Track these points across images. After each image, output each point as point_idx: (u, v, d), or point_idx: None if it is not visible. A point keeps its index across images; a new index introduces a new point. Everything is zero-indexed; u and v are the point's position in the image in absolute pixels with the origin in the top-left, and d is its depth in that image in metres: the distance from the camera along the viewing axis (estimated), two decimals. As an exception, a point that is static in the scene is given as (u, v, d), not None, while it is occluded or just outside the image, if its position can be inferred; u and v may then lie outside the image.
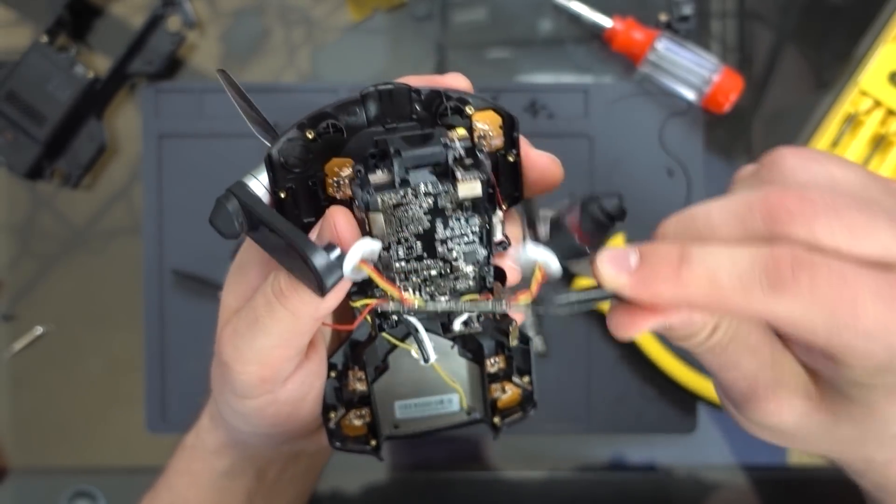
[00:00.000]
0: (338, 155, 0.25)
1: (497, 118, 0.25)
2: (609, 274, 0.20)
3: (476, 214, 0.24)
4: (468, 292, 0.26)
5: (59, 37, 0.51)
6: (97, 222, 0.52)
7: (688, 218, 0.21)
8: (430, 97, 0.24)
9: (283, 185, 0.25)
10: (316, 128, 0.24)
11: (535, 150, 0.26)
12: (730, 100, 0.48)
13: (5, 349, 0.51)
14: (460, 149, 0.23)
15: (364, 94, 0.24)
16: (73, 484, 0.51)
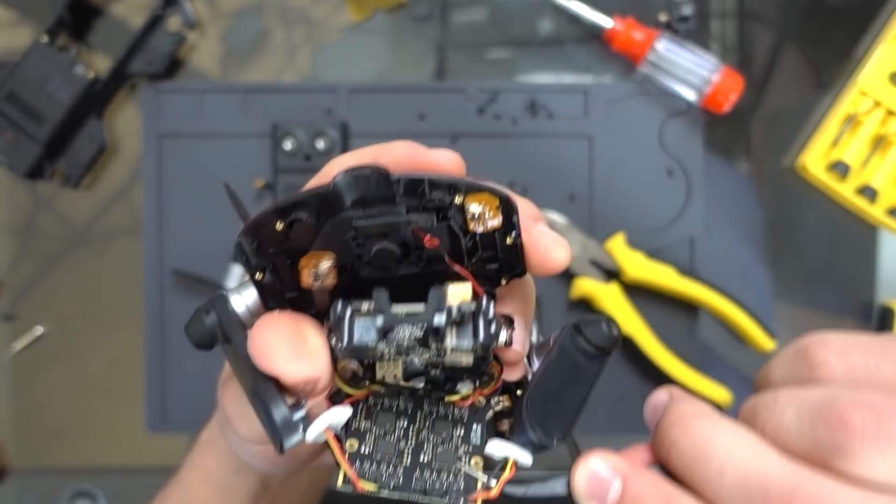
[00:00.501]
0: (312, 242, 0.23)
1: (494, 199, 0.22)
2: (583, 494, 0.20)
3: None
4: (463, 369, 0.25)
5: (60, 37, 0.51)
6: (97, 222, 0.52)
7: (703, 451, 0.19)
8: (412, 185, 0.22)
9: (259, 267, 0.23)
10: (286, 218, 0.22)
11: (540, 228, 0.23)
12: (729, 100, 0.49)
13: (5, 349, 0.51)
14: (457, 313, 0.22)
15: (338, 183, 0.21)
16: (73, 484, 0.51)
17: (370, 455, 0.25)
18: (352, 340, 0.22)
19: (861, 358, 0.20)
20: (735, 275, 0.51)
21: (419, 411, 0.25)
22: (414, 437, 0.25)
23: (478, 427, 0.25)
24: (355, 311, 0.22)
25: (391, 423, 0.25)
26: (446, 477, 0.24)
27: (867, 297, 0.51)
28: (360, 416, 0.25)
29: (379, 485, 0.24)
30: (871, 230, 0.51)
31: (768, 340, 0.48)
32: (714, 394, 0.48)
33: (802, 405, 0.19)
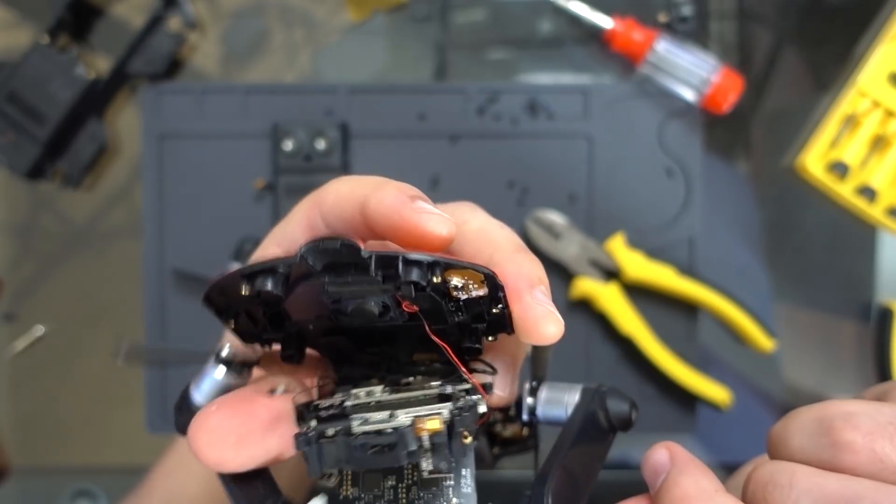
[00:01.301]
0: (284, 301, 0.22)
1: (478, 275, 0.21)
2: None
3: None
4: None
5: (60, 37, 0.51)
6: (98, 222, 0.52)
7: None
8: (385, 262, 0.20)
9: (231, 316, 0.22)
10: (252, 286, 0.21)
11: (535, 295, 0.21)
12: (729, 100, 0.49)
13: (6, 349, 0.51)
14: (428, 444, 0.20)
15: (304, 254, 0.20)
16: (73, 483, 0.51)
17: None
18: (323, 468, 0.21)
19: (890, 444, 0.19)
20: (735, 275, 0.51)
21: (406, 467, 0.24)
22: (404, 496, 0.24)
23: (467, 473, 0.24)
24: (321, 435, 0.21)
25: (379, 484, 0.24)
26: None
27: (866, 297, 0.51)
28: (346, 483, 0.24)
29: None
30: (871, 230, 0.51)
31: (768, 340, 0.48)
32: (714, 394, 0.48)
33: (820, 498, 0.18)
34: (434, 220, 0.21)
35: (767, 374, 0.51)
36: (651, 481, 0.21)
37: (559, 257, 0.48)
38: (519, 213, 0.49)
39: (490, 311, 0.21)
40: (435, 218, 0.21)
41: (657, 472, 0.21)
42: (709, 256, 0.50)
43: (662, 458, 0.21)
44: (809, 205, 0.51)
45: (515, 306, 0.21)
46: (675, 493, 0.20)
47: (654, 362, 0.48)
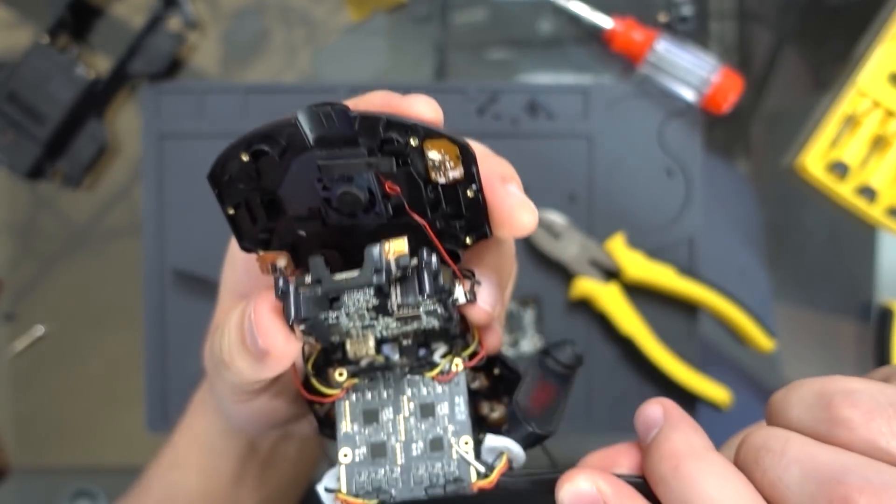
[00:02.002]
0: (281, 183, 0.23)
1: (453, 147, 0.22)
2: None
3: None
4: (436, 333, 0.25)
5: (60, 37, 0.51)
6: (98, 222, 0.52)
7: None
8: (370, 124, 0.21)
9: (232, 202, 0.23)
10: (249, 149, 0.22)
11: (507, 188, 0.23)
12: (729, 100, 0.49)
13: (6, 349, 0.51)
14: (396, 269, 0.21)
15: (300, 116, 0.21)
16: (73, 483, 0.51)
17: (365, 461, 0.24)
18: (298, 314, 0.22)
19: (887, 426, 0.19)
20: (735, 275, 0.51)
21: (402, 395, 0.25)
22: (402, 427, 0.25)
23: (460, 400, 0.25)
24: (300, 285, 0.22)
25: (377, 417, 0.25)
26: (442, 467, 0.24)
27: (866, 297, 0.51)
28: (345, 419, 0.25)
29: (380, 496, 0.24)
30: (871, 230, 0.51)
31: (768, 340, 0.48)
32: (714, 394, 0.48)
33: (810, 468, 0.18)
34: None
35: (767, 374, 0.51)
36: (643, 435, 0.22)
37: (559, 257, 0.48)
38: (519, 213, 0.49)
39: (466, 196, 0.22)
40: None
41: (649, 426, 0.22)
42: (709, 256, 0.50)
43: (656, 413, 0.22)
44: (809, 205, 0.51)
45: (491, 197, 0.22)
46: (665, 447, 0.20)
47: (654, 362, 0.48)
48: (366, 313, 0.23)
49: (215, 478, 0.36)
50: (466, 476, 0.24)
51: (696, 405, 0.49)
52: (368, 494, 0.24)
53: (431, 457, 0.24)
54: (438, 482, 0.24)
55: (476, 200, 0.22)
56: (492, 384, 0.28)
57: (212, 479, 0.36)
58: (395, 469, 0.24)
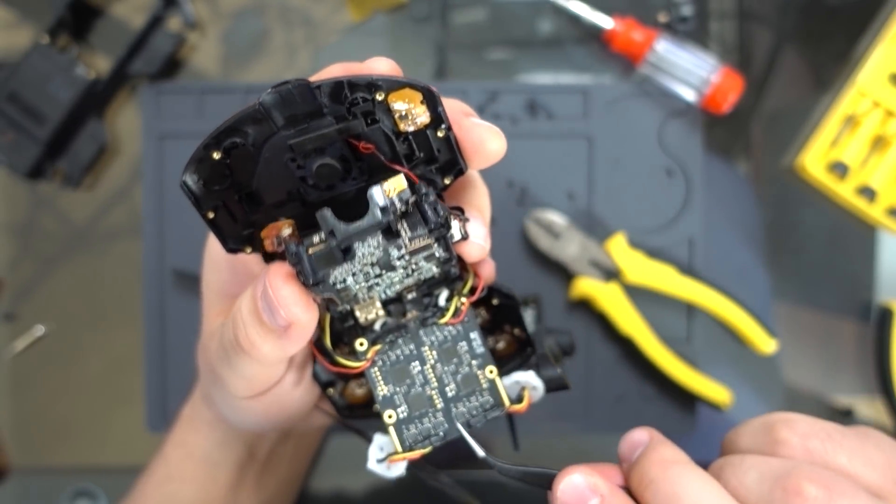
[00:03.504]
0: (254, 173, 0.23)
1: (416, 94, 0.22)
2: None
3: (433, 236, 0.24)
4: (435, 280, 0.26)
5: (60, 37, 0.51)
6: (98, 222, 0.52)
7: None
8: (334, 90, 0.22)
9: (210, 206, 0.23)
10: (220, 146, 0.23)
11: (472, 120, 0.24)
12: (729, 100, 0.49)
13: (6, 349, 0.52)
14: (399, 204, 0.22)
15: (263, 102, 0.21)
16: (73, 483, 0.51)
17: (409, 416, 0.26)
18: (316, 273, 0.22)
19: (820, 444, 0.22)
20: (735, 275, 0.51)
21: (423, 347, 0.26)
22: (432, 374, 0.26)
23: (475, 335, 0.27)
24: (309, 245, 0.23)
25: (408, 373, 0.26)
26: (476, 399, 0.26)
27: (866, 297, 0.51)
28: (379, 384, 0.26)
29: (431, 442, 0.26)
30: (871, 230, 0.51)
31: (768, 340, 0.48)
32: (714, 394, 0.48)
33: (765, 470, 0.21)
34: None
35: (767, 374, 0.51)
36: (627, 454, 0.24)
37: (559, 257, 0.48)
38: (518, 213, 0.49)
39: (437, 138, 0.23)
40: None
41: (635, 446, 0.24)
42: (709, 256, 0.50)
43: (643, 436, 0.24)
44: (809, 205, 0.51)
45: (459, 132, 0.23)
46: (653, 456, 0.22)
47: (654, 362, 0.48)
48: (370, 270, 0.24)
49: (213, 488, 0.36)
50: (499, 401, 0.26)
51: (696, 405, 0.49)
52: (421, 444, 0.26)
53: (466, 393, 0.26)
54: (478, 414, 0.26)
55: (447, 139, 0.23)
56: (491, 316, 0.29)
57: (209, 489, 0.36)
58: (437, 414, 0.26)
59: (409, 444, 0.26)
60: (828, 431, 0.22)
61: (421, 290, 0.26)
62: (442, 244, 0.24)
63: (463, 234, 0.24)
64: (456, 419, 0.26)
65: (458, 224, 0.24)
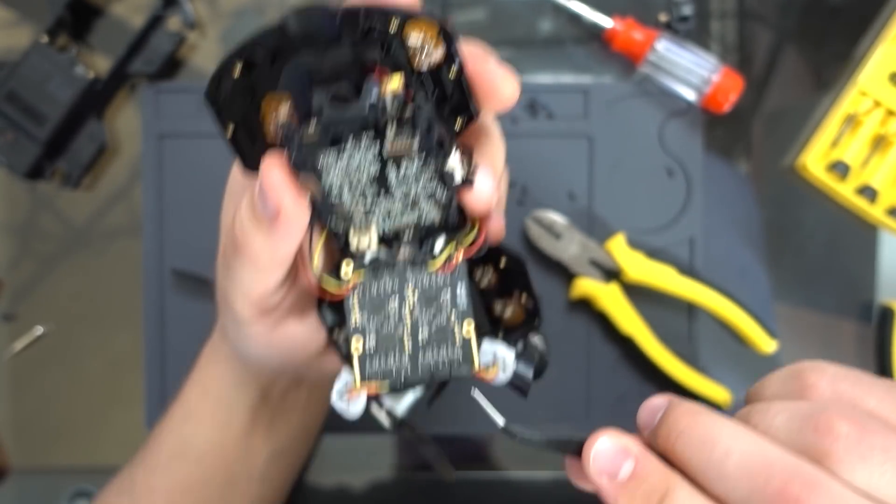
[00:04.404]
0: (273, 89, 0.23)
1: (433, 29, 0.22)
2: (596, 469, 0.22)
3: (427, 160, 0.23)
4: (436, 227, 0.26)
5: (60, 37, 0.51)
6: (97, 222, 0.52)
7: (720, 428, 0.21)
8: (351, 17, 0.22)
9: (231, 119, 0.24)
10: (241, 58, 0.23)
11: (487, 63, 0.24)
12: (730, 100, 0.49)
13: (5, 349, 0.51)
14: (390, 104, 0.22)
15: (283, 22, 0.22)
16: (73, 484, 0.51)
17: (376, 350, 0.26)
18: (303, 154, 0.22)
19: (850, 387, 0.21)
20: (735, 275, 0.51)
21: (406, 287, 0.26)
22: (409, 316, 0.26)
23: (461, 287, 0.26)
24: (304, 131, 0.23)
25: (384, 308, 0.26)
26: (447, 352, 0.26)
27: (867, 297, 0.51)
28: (354, 312, 0.26)
29: (390, 381, 0.25)
30: (871, 230, 0.51)
31: (768, 340, 0.48)
32: (714, 394, 0.48)
33: (794, 412, 0.21)
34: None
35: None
36: (648, 420, 0.23)
37: (559, 257, 0.48)
38: (519, 213, 0.49)
39: (449, 78, 0.23)
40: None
41: (655, 410, 0.23)
42: (709, 256, 0.50)
43: (661, 400, 0.23)
44: (810, 205, 0.51)
45: (473, 73, 0.23)
46: (678, 410, 0.22)
47: (654, 362, 0.48)
48: (367, 188, 0.23)
49: (227, 429, 0.36)
50: (469, 360, 0.26)
51: (696, 405, 0.49)
52: (380, 380, 0.25)
53: (437, 342, 0.26)
54: (444, 367, 0.26)
55: (459, 80, 0.23)
56: (500, 280, 0.28)
57: (224, 431, 0.36)
58: (404, 357, 0.26)
59: (368, 376, 0.25)
60: (857, 376, 0.22)
61: (419, 232, 0.26)
62: (439, 180, 0.24)
63: (465, 176, 0.24)
64: (420, 368, 0.26)
65: (461, 161, 0.24)
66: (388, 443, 0.51)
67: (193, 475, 0.37)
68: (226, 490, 0.38)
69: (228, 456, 0.37)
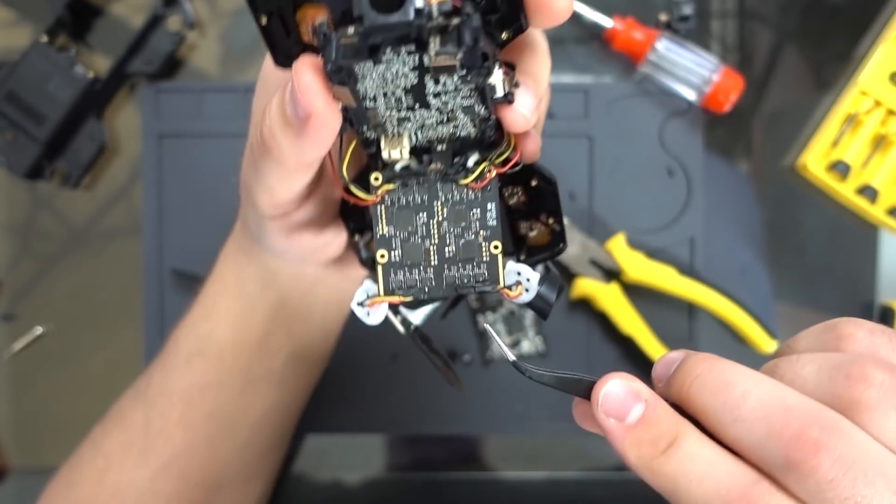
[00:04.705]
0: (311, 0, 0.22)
1: None
2: (604, 410, 0.21)
3: (469, 74, 0.21)
4: (470, 141, 0.24)
5: (59, 37, 0.51)
6: (97, 222, 0.52)
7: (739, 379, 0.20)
8: None
9: (265, 9, 0.22)
10: None
11: None
12: (730, 100, 0.48)
13: (5, 349, 0.51)
14: (437, 13, 0.20)
15: None
16: (73, 484, 0.51)
17: (401, 262, 0.25)
18: (338, 59, 0.20)
19: (887, 341, 0.20)
20: (735, 275, 0.51)
21: (435, 201, 0.25)
22: (436, 231, 0.25)
23: (492, 206, 0.25)
24: (342, 35, 0.21)
25: (412, 221, 0.25)
26: (472, 268, 0.25)
27: (867, 297, 0.51)
28: (381, 222, 0.25)
29: (414, 293, 0.25)
30: (872, 230, 0.51)
31: (768, 340, 0.48)
32: (714, 394, 0.48)
33: (824, 362, 0.20)
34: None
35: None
36: (663, 373, 0.22)
37: (559, 257, 0.48)
38: (519, 213, 0.49)
39: None
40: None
41: (671, 363, 0.22)
42: (709, 256, 0.50)
43: (678, 353, 0.22)
44: (810, 205, 0.51)
45: None
46: (695, 358, 0.21)
47: (653, 362, 0.48)
48: (402, 96, 0.22)
49: (246, 328, 0.35)
50: (494, 277, 0.25)
51: (696, 405, 0.49)
52: (403, 291, 0.25)
53: (463, 259, 0.25)
54: (468, 283, 0.25)
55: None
56: (529, 200, 0.28)
57: (243, 328, 0.35)
58: (429, 270, 0.25)
59: (392, 288, 0.25)
60: (893, 332, 0.21)
61: (453, 146, 0.25)
62: (479, 95, 0.22)
63: (506, 92, 0.22)
64: (445, 282, 0.25)
65: (504, 79, 0.22)
66: (384, 443, 0.51)
67: (211, 375, 0.36)
68: (244, 393, 0.36)
69: (247, 356, 0.36)
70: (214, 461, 0.37)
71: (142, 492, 0.36)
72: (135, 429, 0.37)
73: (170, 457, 0.36)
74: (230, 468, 0.38)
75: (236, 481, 0.38)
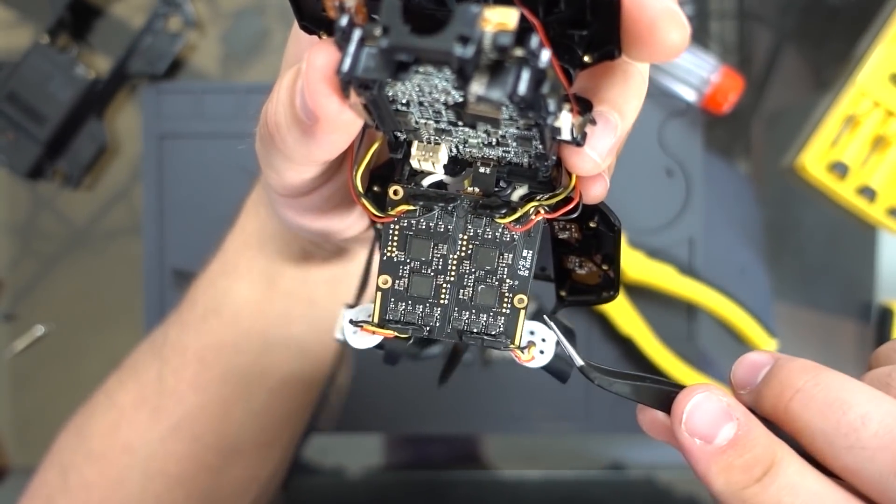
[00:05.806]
0: None
1: None
2: (689, 429, 0.18)
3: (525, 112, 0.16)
4: (521, 170, 0.20)
5: (60, 37, 0.51)
6: (98, 222, 0.52)
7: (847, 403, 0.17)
8: None
9: None
10: None
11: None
12: (729, 100, 0.49)
13: (5, 349, 0.51)
14: (490, 47, 0.15)
15: None
16: (73, 484, 0.51)
17: (405, 293, 0.21)
18: (355, 68, 0.16)
19: None
20: (735, 274, 0.51)
21: (461, 234, 0.21)
22: (454, 268, 0.21)
23: (528, 255, 0.21)
24: (368, 35, 0.16)
25: (427, 251, 0.21)
26: (487, 319, 0.21)
27: (866, 297, 0.51)
28: (391, 244, 0.21)
29: (412, 331, 0.21)
30: (871, 230, 0.51)
31: (768, 340, 0.48)
32: (714, 394, 0.48)
33: None
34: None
35: None
36: (748, 379, 0.19)
37: (559, 257, 0.48)
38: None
39: None
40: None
41: (757, 368, 0.19)
42: (709, 256, 0.50)
43: (763, 356, 0.20)
44: (809, 205, 0.51)
45: (628, 1, 0.16)
46: (792, 366, 0.18)
47: (654, 362, 0.48)
48: (443, 110, 0.18)
49: (266, 288, 0.33)
50: (510, 335, 0.21)
51: (696, 405, 0.49)
52: (399, 327, 0.21)
53: (479, 306, 0.21)
54: (477, 333, 0.21)
55: (608, 2, 0.16)
56: (583, 238, 0.24)
57: (262, 288, 0.33)
58: (436, 310, 0.21)
59: (388, 320, 0.21)
60: None
61: (499, 171, 0.20)
62: (538, 132, 0.17)
63: (575, 136, 0.17)
64: (451, 325, 0.21)
65: (574, 121, 0.17)
66: (384, 442, 0.51)
67: (226, 336, 0.34)
68: (261, 356, 0.34)
69: (265, 319, 0.33)
70: (228, 424, 0.35)
71: (153, 450, 0.35)
72: (148, 385, 0.35)
73: (181, 418, 0.34)
74: (245, 432, 0.36)
75: (252, 447, 0.36)
